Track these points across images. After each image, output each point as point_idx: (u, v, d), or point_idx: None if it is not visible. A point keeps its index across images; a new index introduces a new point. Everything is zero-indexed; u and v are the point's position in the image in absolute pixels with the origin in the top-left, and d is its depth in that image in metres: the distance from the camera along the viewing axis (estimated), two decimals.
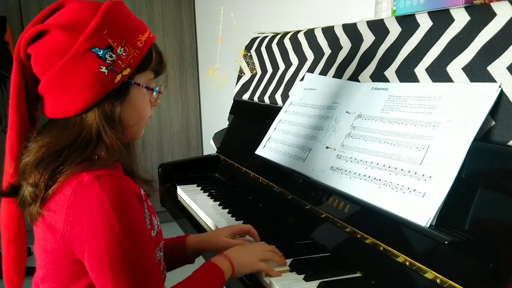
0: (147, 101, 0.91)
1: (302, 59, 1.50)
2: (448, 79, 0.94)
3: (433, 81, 0.98)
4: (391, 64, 1.10)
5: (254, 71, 1.81)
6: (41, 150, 0.81)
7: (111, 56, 0.81)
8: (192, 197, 1.52)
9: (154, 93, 0.91)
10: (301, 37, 1.52)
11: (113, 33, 0.81)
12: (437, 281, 0.77)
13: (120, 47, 0.82)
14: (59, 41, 0.80)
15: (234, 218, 1.31)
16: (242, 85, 1.89)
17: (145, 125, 0.93)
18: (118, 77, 0.83)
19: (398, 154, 0.94)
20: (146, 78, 0.89)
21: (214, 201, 1.48)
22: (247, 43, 1.94)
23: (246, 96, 1.83)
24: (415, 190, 0.87)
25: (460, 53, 0.92)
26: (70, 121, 0.83)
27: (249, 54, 1.87)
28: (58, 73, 0.81)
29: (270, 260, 0.98)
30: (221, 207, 1.41)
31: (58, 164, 0.80)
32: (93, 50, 0.80)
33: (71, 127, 0.83)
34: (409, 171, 0.90)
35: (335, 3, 1.93)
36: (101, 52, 0.81)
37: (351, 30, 1.28)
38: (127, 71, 0.83)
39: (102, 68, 0.81)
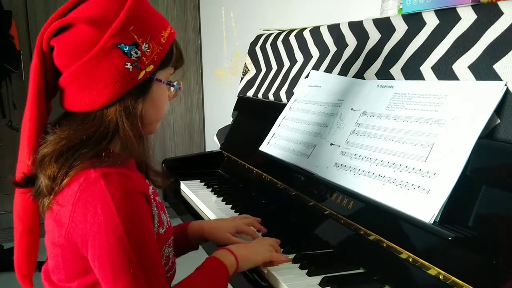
0: (167, 96, 0.91)
1: (307, 56, 1.50)
2: (454, 77, 0.94)
3: (439, 79, 0.98)
4: (396, 62, 1.10)
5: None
6: (60, 143, 0.81)
7: (136, 53, 0.81)
8: (195, 192, 1.53)
9: (172, 89, 0.91)
10: (306, 34, 1.53)
11: (138, 30, 0.81)
12: (440, 277, 0.78)
13: (145, 44, 0.82)
14: (85, 35, 0.80)
15: (238, 213, 1.32)
16: (247, 82, 1.89)
17: (162, 119, 0.93)
18: (142, 74, 0.83)
19: (403, 151, 0.94)
20: (167, 74, 0.89)
21: (217, 196, 1.48)
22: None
23: (250, 93, 1.84)
24: (419, 186, 0.87)
25: (466, 51, 0.92)
26: (90, 115, 0.83)
27: (253, 51, 1.87)
28: (82, 67, 0.80)
29: (273, 257, 0.99)
30: (224, 202, 1.42)
31: (74, 158, 0.80)
32: (119, 46, 0.80)
33: (90, 121, 0.82)
34: (413, 168, 0.90)
35: (340, 2, 1.93)
36: (126, 48, 0.80)
37: (357, 27, 1.29)
38: (150, 68, 0.84)
39: (127, 65, 0.81)
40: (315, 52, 1.46)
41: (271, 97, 1.67)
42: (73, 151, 0.80)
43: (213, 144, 2.07)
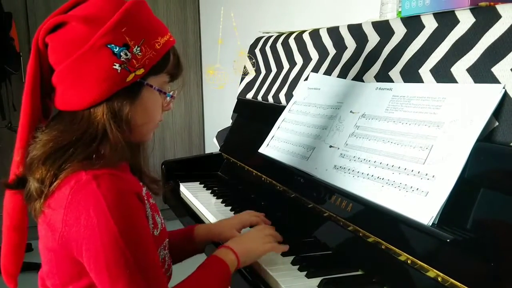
0: (159, 104, 0.90)
1: (306, 59, 1.51)
2: (453, 80, 0.95)
3: (438, 81, 0.99)
4: (395, 65, 1.10)
5: (254, 68, 1.82)
6: (48, 145, 0.81)
7: (126, 54, 0.81)
8: (194, 194, 1.53)
9: (167, 97, 0.91)
10: (306, 37, 1.53)
11: (131, 32, 0.81)
12: (439, 279, 0.78)
13: (136, 46, 0.82)
14: (77, 32, 0.80)
15: None
16: (246, 84, 1.90)
17: (155, 127, 0.92)
18: (131, 76, 0.82)
19: (402, 154, 0.95)
20: (161, 81, 0.88)
21: (217, 198, 1.49)
22: (245, 43, 1.95)
23: (250, 95, 1.84)
24: (418, 189, 0.87)
25: (465, 54, 0.93)
26: (78, 115, 0.82)
27: (253, 53, 1.88)
28: (71, 64, 0.80)
29: (274, 248, 0.99)
30: (224, 204, 1.42)
31: (63, 160, 0.80)
32: (109, 46, 0.80)
33: (78, 122, 0.82)
34: (412, 170, 0.90)
35: (339, 4, 1.94)
36: (116, 49, 0.80)
37: (356, 30, 1.29)
38: (140, 71, 0.83)
39: (115, 65, 0.80)
40: (314, 55, 1.47)
41: (270, 99, 1.67)
42: (62, 152, 0.80)
43: (212, 145, 2.08)
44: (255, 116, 1.75)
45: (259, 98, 1.76)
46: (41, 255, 0.87)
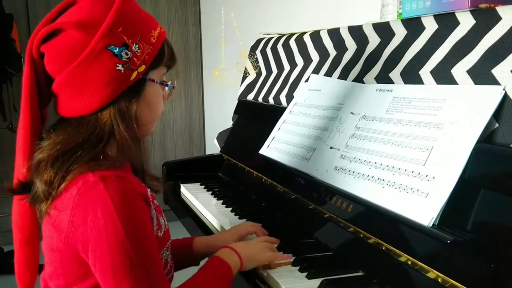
0: (161, 96, 0.91)
1: (307, 60, 1.51)
2: (453, 82, 0.95)
3: (438, 83, 0.99)
4: (396, 66, 1.11)
5: (256, 70, 1.82)
6: (55, 147, 0.81)
7: (126, 54, 0.81)
8: (195, 196, 1.53)
9: (167, 88, 0.91)
10: (306, 38, 1.54)
11: (127, 30, 0.81)
12: (439, 280, 0.78)
13: (135, 44, 0.82)
14: (74, 40, 0.80)
15: (238, 216, 1.32)
16: (247, 85, 1.90)
17: (158, 119, 0.93)
18: (134, 74, 0.82)
19: (402, 155, 0.95)
20: (160, 73, 0.89)
21: (218, 199, 1.49)
22: (247, 43, 1.96)
23: (250, 97, 1.84)
24: (418, 190, 0.87)
25: (465, 56, 0.93)
26: (84, 119, 0.82)
27: (254, 55, 1.88)
28: (73, 72, 0.80)
29: (276, 257, 0.99)
30: (224, 205, 1.42)
31: (70, 162, 0.80)
32: (108, 48, 0.80)
33: (85, 125, 0.82)
34: (412, 172, 0.91)
35: (340, 6, 1.94)
36: (117, 50, 0.80)
37: (356, 32, 1.29)
38: (142, 68, 0.83)
39: (118, 66, 0.80)
40: (315, 56, 1.47)
41: (271, 100, 1.68)
42: (69, 155, 0.80)
43: (213, 146, 2.08)
44: (256, 117, 1.75)
45: (260, 99, 1.76)
46: (44, 256, 0.87)
